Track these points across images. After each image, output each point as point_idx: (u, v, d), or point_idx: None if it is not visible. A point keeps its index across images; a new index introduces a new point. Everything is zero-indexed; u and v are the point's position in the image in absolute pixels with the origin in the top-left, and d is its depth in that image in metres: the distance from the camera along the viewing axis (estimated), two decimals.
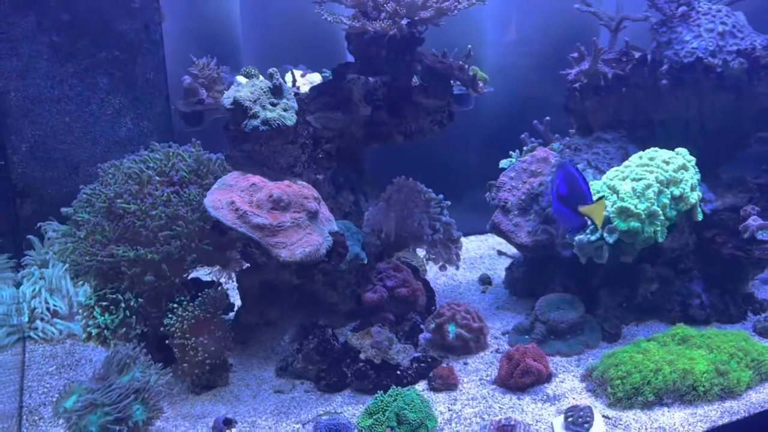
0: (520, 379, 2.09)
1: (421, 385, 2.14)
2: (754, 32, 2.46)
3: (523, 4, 3.62)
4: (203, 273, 2.43)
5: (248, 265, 2.29)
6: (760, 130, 2.77)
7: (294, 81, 3.00)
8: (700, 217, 2.33)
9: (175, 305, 2.06)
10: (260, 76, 2.43)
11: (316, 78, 3.09)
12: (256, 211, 1.96)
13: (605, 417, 1.92)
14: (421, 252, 2.89)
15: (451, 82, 2.46)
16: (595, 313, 2.43)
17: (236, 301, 2.44)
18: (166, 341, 2.06)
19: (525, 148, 2.87)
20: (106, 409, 1.67)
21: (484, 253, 3.51)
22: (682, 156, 2.31)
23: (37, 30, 2.80)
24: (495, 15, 3.61)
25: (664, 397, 1.95)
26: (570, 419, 1.84)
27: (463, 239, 3.62)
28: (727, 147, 2.66)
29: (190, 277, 2.31)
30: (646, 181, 2.21)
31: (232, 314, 2.44)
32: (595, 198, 2.00)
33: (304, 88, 2.91)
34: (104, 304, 2.06)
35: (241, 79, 3.00)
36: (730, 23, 2.43)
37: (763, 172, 2.88)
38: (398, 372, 2.14)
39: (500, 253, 3.46)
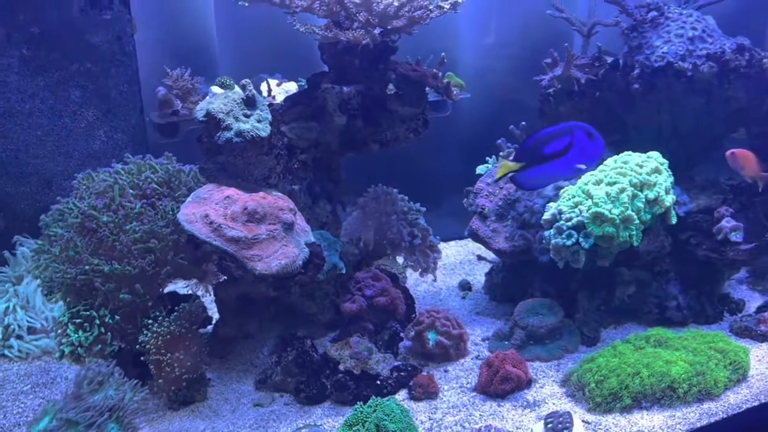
0: (500, 385, 2.09)
1: (401, 395, 2.13)
2: (724, 36, 2.50)
3: (501, 8, 3.62)
4: (181, 286, 2.41)
5: (225, 277, 2.28)
6: (732, 132, 2.81)
7: (269, 90, 2.99)
8: (674, 220, 2.34)
9: (150, 321, 2.04)
10: (235, 86, 2.41)
11: (292, 87, 3.08)
12: (230, 224, 1.94)
13: (585, 422, 1.92)
14: (400, 259, 2.88)
15: (426, 89, 2.46)
16: (573, 317, 2.44)
17: (215, 314, 2.42)
18: (142, 357, 2.04)
19: (501, 153, 2.88)
20: (80, 428, 1.64)
21: (464, 259, 3.51)
22: (654, 159, 2.33)
23: (7, 43, 2.76)
24: (472, 20, 3.61)
25: (642, 401, 1.96)
26: (550, 425, 1.84)
27: (443, 245, 3.65)
28: (700, 149, 2.69)
29: (166, 291, 2.29)
30: (620, 185, 2.23)
31: (210, 327, 2.42)
32: None
33: (280, 98, 2.90)
34: (78, 321, 2.03)
35: (215, 89, 2.97)
36: (700, 28, 2.46)
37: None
38: (378, 382, 2.14)
39: (480, 258, 3.46)
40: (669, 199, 2.29)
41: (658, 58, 2.41)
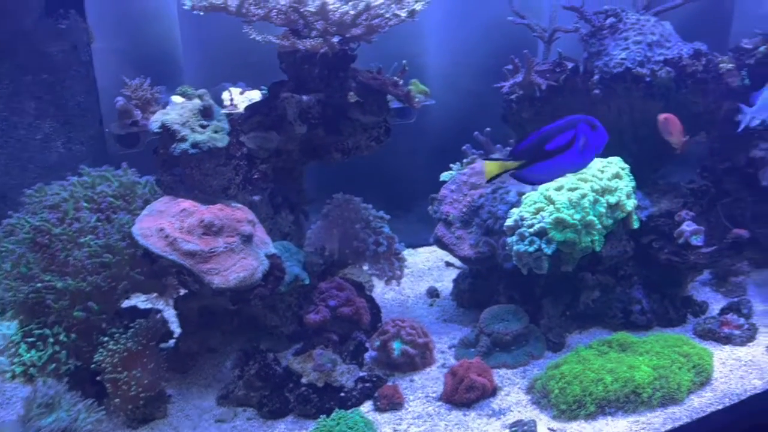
0: (465, 394, 2.07)
1: (366, 406, 2.11)
2: (681, 41, 2.52)
3: (466, 15, 3.63)
4: (141, 300, 2.36)
5: (186, 291, 2.23)
6: (694, 135, 2.84)
7: (231, 99, 2.95)
8: (636, 225, 2.36)
9: (106, 338, 1.98)
10: (208, 93, 2.38)
11: (255, 95, 3.05)
12: (187, 238, 1.91)
13: (550, 429, 1.92)
14: (365, 268, 2.86)
15: (389, 96, 2.45)
16: (539, 323, 2.44)
17: (177, 328, 2.37)
18: (98, 377, 1.98)
19: (465, 160, 2.88)
20: None
21: (432, 265, 3.50)
22: (615, 164, 2.34)
23: None
24: (439, 26, 3.61)
25: (606, 407, 1.96)
26: None
27: (412, 251, 3.64)
28: (661, 153, 2.71)
29: (126, 306, 2.24)
30: (582, 190, 2.23)
31: (172, 341, 2.37)
32: None
33: (243, 106, 2.86)
34: (31, 339, 1.97)
35: (176, 99, 2.94)
36: (658, 33, 2.48)
37: (699, 177, 2.96)
38: (342, 394, 2.11)
39: (448, 264, 3.45)
40: (630, 204, 2.30)
41: (617, 64, 2.43)
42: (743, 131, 2.64)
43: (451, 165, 2.96)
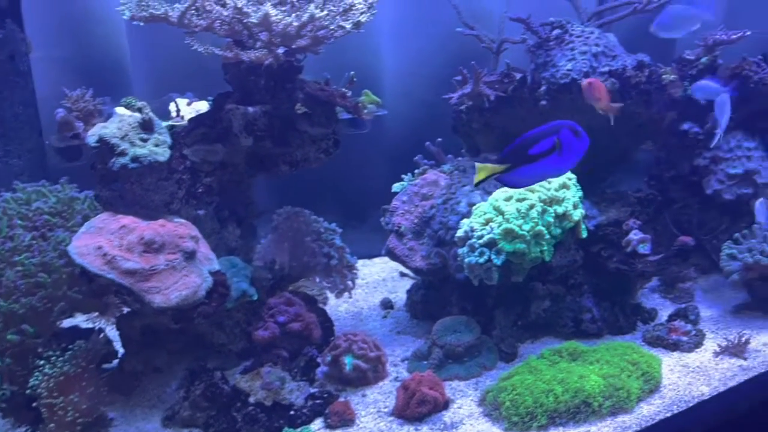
0: (417, 408, 2.05)
1: (317, 423, 2.07)
2: (626, 53, 2.56)
3: (421, 24, 3.63)
4: (82, 320, 2.28)
5: (128, 309, 2.16)
6: (639, 145, 2.89)
7: (178, 111, 2.88)
8: (584, 234, 2.37)
9: (42, 362, 1.90)
10: (147, 106, 2.31)
11: (203, 106, 2.98)
12: (126, 255, 1.84)
13: None
14: (317, 280, 2.82)
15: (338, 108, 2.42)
16: (491, 333, 2.43)
17: (121, 347, 2.29)
18: (33, 403, 1.90)
19: (417, 171, 2.87)
20: None
21: (387, 276, 3.48)
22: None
23: None
24: (394, 35, 3.61)
25: (557, 418, 1.96)
26: None
27: (367, 261, 3.61)
28: (609, 163, 2.74)
29: (67, 326, 2.15)
30: (530, 201, 2.24)
31: (116, 362, 2.29)
32: None
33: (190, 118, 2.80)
34: None
35: (120, 110, 2.85)
36: (602, 44, 2.52)
37: (646, 185, 3.01)
38: (291, 412, 2.07)
39: (403, 274, 3.43)
40: (577, 214, 2.32)
41: (564, 75, 2.45)
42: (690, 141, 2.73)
43: (403, 176, 2.94)
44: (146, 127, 2.00)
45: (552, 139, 1.86)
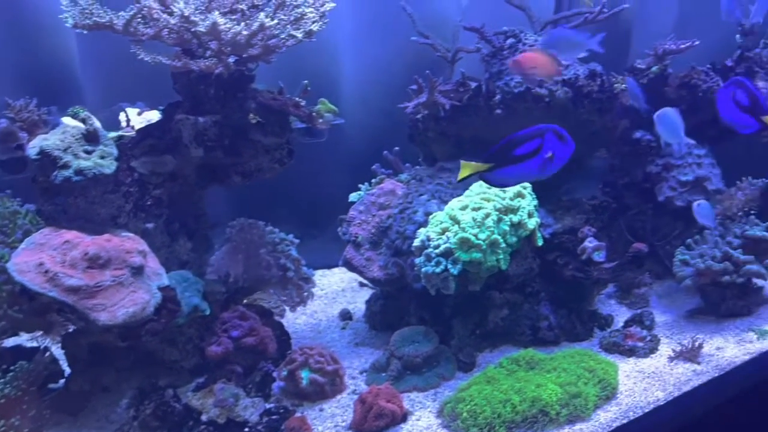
0: (374, 422, 2.02)
1: None
2: (578, 62, 2.58)
3: (380, 32, 3.61)
4: (26, 339, 2.19)
5: (74, 327, 2.08)
6: (594, 153, 2.92)
7: (128, 121, 2.81)
8: (540, 243, 2.38)
9: None
10: (92, 117, 2.24)
11: (154, 116, 2.90)
12: (69, 272, 1.77)
13: None
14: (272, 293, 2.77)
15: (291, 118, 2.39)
16: (449, 343, 2.42)
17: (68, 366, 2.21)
18: None
19: (374, 180, 2.85)
20: None
21: (346, 286, 3.45)
22: None
23: None
24: (352, 43, 3.58)
25: (515, 429, 1.95)
26: None
27: (326, 272, 3.58)
28: (565, 171, 2.75)
29: (9, 346, 2.07)
30: (485, 210, 2.24)
31: (62, 381, 2.21)
32: None
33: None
34: None
35: (67, 120, 2.76)
36: None
37: (600, 192, 3.05)
38: (246, 429, 2.01)
39: (362, 285, 3.40)
40: (532, 222, 2.33)
41: (518, 84, 2.46)
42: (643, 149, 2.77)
43: (360, 185, 2.92)
44: (90, 138, 1.93)
45: (537, 141, 1.88)
